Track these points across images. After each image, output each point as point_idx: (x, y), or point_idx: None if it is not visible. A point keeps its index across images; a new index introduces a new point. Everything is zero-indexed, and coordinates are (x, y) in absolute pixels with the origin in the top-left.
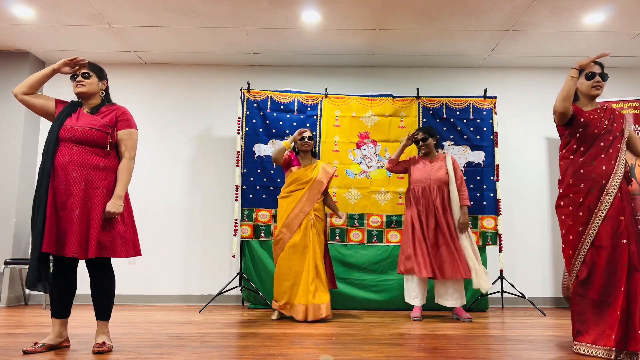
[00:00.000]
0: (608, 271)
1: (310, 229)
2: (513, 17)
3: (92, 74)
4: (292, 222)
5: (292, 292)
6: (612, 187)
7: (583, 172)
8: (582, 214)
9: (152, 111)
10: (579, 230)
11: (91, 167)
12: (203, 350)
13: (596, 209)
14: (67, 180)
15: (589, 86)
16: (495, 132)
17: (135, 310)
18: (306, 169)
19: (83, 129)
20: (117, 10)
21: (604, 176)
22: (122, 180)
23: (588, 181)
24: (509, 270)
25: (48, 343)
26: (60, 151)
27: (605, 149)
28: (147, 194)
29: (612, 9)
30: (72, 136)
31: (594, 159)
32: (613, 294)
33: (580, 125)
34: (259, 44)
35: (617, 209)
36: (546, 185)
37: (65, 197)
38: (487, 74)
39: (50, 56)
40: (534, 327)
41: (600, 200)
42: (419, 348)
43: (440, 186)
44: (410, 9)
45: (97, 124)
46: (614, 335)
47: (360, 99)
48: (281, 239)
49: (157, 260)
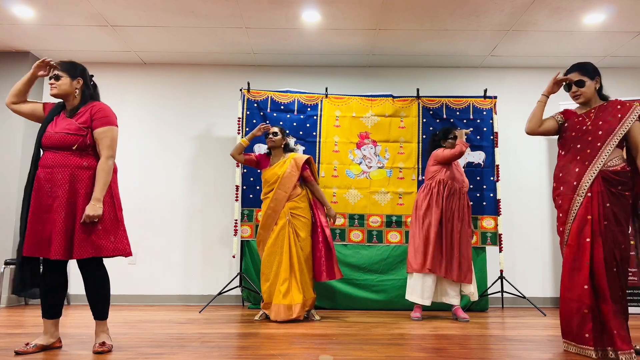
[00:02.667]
0: (573, 269)
1: (286, 228)
2: (513, 17)
3: (64, 74)
4: (266, 222)
5: (270, 292)
6: (582, 188)
7: (561, 175)
8: (562, 215)
9: (152, 111)
10: (561, 231)
11: (75, 167)
12: (203, 350)
13: (569, 210)
14: (52, 183)
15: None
16: (495, 132)
17: (135, 310)
18: (273, 168)
19: (59, 135)
20: (117, 10)
21: (575, 177)
22: (99, 182)
23: (564, 184)
24: (509, 271)
25: (40, 343)
26: (45, 156)
27: (582, 151)
28: (147, 194)
29: (612, 8)
30: (51, 143)
31: (570, 161)
32: (578, 292)
33: (563, 130)
34: (259, 43)
35: (585, 209)
36: (546, 185)
37: (52, 200)
38: (487, 74)
39: (50, 56)
40: (534, 327)
41: (572, 202)
42: (419, 348)
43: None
44: (410, 9)
45: (72, 128)
46: (588, 334)
47: (361, 99)
48: (261, 241)
49: (158, 260)
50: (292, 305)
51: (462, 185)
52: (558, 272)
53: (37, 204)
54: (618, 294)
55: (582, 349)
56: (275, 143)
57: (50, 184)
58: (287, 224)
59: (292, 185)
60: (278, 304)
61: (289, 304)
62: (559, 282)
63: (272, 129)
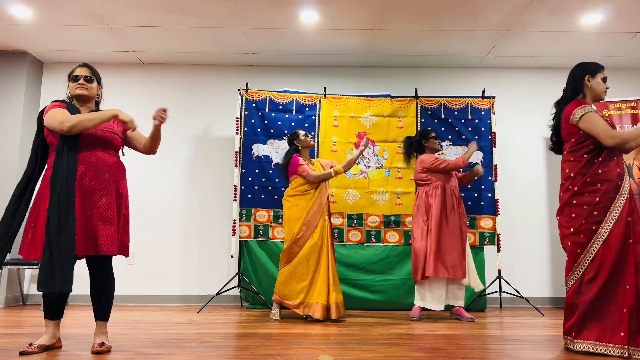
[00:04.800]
0: (614, 270)
1: (326, 228)
2: (511, 18)
3: (94, 79)
4: (312, 219)
5: (309, 291)
6: (625, 189)
7: (601, 172)
8: (597, 213)
9: (151, 111)
10: (592, 229)
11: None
12: (201, 350)
13: (610, 209)
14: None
15: (603, 89)
16: (493, 132)
17: (133, 310)
18: (313, 166)
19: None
20: (115, 10)
21: (618, 178)
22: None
23: (605, 182)
24: (507, 270)
25: (43, 344)
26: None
27: (618, 151)
28: (145, 194)
29: (610, 9)
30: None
31: (610, 160)
32: (617, 291)
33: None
34: (258, 44)
35: (627, 210)
36: (544, 185)
37: (97, 198)
38: (485, 74)
39: (48, 56)
40: (532, 327)
41: (615, 201)
42: (418, 348)
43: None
44: (409, 9)
45: (116, 129)
46: (623, 333)
47: (359, 99)
48: (301, 237)
49: (156, 260)
50: (338, 303)
51: (456, 184)
52: (556, 272)
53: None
54: None
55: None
56: (311, 145)
57: (96, 182)
58: (327, 225)
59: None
60: (325, 303)
61: (339, 302)
62: (557, 282)
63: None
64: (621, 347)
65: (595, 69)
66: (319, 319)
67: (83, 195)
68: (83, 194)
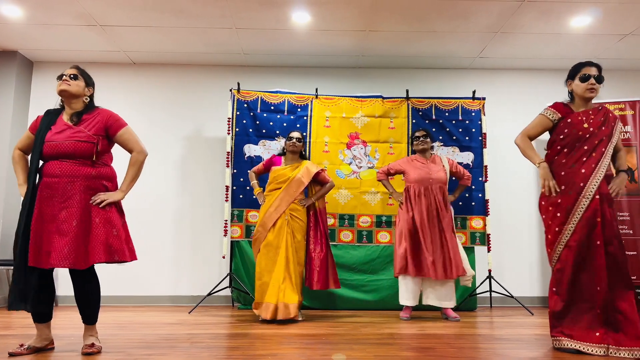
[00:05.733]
0: (577, 272)
1: (284, 228)
2: (501, 20)
3: (80, 77)
4: (267, 221)
5: (262, 291)
6: (589, 190)
7: (564, 174)
8: (560, 214)
9: (142, 111)
10: (556, 230)
11: (88, 177)
12: (193, 350)
13: (572, 211)
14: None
15: (584, 89)
16: (483, 133)
17: (124, 311)
18: (286, 168)
19: (69, 142)
20: (106, 9)
21: (582, 179)
22: (129, 175)
23: (568, 184)
24: (497, 270)
25: (34, 345)
26: (51, 165)
27: (588, 153)
28: (136, 194)
29: (598, 12)
30: (58, 151)
31: (576, 161)
32: (589, 293)
33: (565, 127)
34: (249, 44)
35: (593, 211)
36: (534, 185)
37: (58, 210)
38: (475, 76)
39: (38, 56)
40: (522, 326)
41: (577, 203)
42: (408, 347)
43: (441, 186)
44: (400, 11)
45: (81, 136)
46: (599, 332)
47: (350, 100)
48: (257, 238)
49: (147, 260)
50: (290, 305)
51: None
52: (545, 272)
53: (40, 214)
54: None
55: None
56: (297, 148)
57: (58, 193)
58: (285, 225)
59: (299, 190)
60: (275, 302)
61: (286, 303)
62: (547, 282)
63: (296, 134)
64: (598, 345)
65: (573, 71)
66: (265, 318)
67: (43, 208)
68: (43, 206)
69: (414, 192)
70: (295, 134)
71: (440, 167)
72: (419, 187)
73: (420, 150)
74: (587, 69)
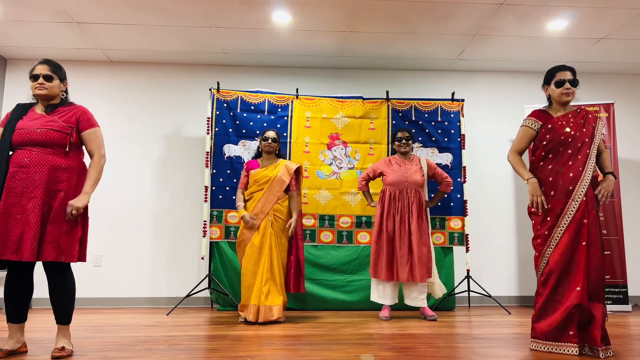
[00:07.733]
0: (563, 272)
1: (268, 229)
2: (480, 22)
3: (55, 77)
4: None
5: (248, 294)
6: (578, 193)
7: (552, 179)
8: (550, 219)
9: (120, 110)
10: (545, 234)
11: (53, 167)
12: (171, 353)
13: (562, 214)
14: (28, 183)
15: (560, 93)
16: (462, 134)
17: (100, 313)
18: (266, 169)
19: (42, 131)
20: (83, 7)
21: (570, 182)
22: (91, 178)
23: (556, 188)
24: (475, 270)
25: (7, 349)
26: (19, 154)
27: (573, 156)
28: (114, 194)
29: (574, 15)
30: (29, 139)
31: (562, 166)
32: (567, 293)
33: (547, 132)
34: (230, 43)
35: (582, 213)
36: (511, 186)
37: (26, 201)
38: (455, 77)
39: (12, 52)
40: (499, 325)
41: (567, 206)
42: (388, 347)
43: (417, 189)
44: (381, 12)
45: (55, 125)
46: (572, 331)
47: (331, 101)
48: (242, 241)
49: (124, 262)
50: (273, 307)
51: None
52: (523, 272)
53: (7, 204)
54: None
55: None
56: (272, 148)
57: (25, 183)
58: (269, 226)
59: (282, 189)
60: (258, 304)
61: (270, 305)
62: (524, 282)
63: (271, 133)
64: (573, 345)
65: (548, 76)
66: (251, 321)
67: (10, 198)
68: (11, 196)
69: (390, 195)
70: (270, 133)
71: (418, 168)
72: (394, 190)
73: (402, 152)
74: (561, 74)
